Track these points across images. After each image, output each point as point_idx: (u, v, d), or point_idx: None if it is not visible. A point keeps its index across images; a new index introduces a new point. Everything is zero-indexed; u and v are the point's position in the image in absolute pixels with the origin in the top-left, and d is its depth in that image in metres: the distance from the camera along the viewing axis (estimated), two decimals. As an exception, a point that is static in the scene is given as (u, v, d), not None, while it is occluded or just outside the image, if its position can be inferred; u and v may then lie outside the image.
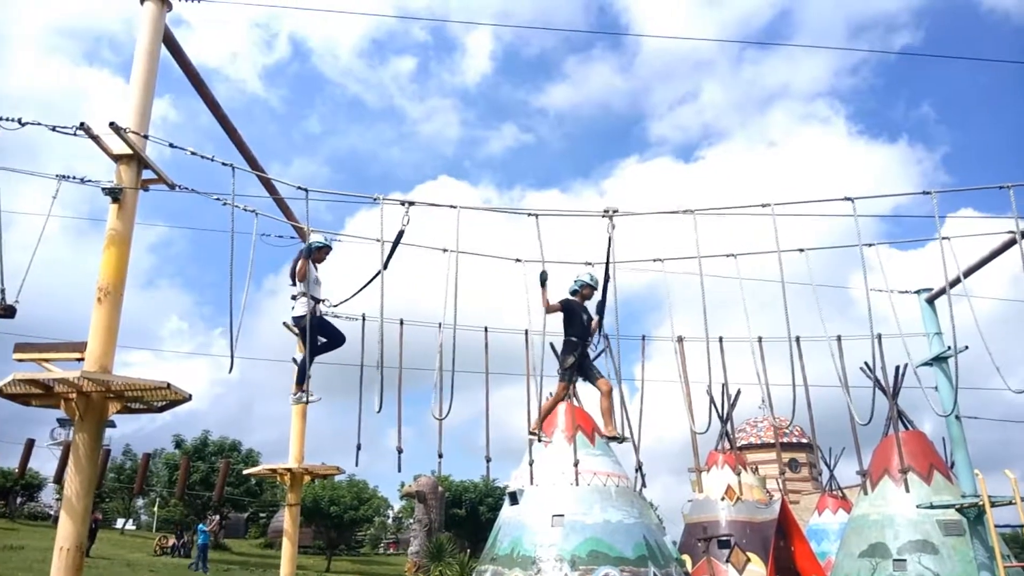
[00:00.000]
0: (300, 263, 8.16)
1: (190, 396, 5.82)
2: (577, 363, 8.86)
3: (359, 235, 8.44)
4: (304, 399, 8.57)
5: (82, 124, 5.81)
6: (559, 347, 15.43)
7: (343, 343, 8.61)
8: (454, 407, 8.29)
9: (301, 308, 8.20)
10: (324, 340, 8.47)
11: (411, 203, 7.41)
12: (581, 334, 8.79)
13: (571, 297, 9.02)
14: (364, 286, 7.90)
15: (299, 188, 7.21)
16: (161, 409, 6.17)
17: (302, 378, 8.41)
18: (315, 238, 8.35)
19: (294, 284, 8.35)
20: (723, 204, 8.97)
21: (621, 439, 8.79)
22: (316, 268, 8.47)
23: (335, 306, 8.76)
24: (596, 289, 8.90)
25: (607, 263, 8.18)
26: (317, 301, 8.34)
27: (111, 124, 5.83)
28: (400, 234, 7.43)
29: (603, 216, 7.77)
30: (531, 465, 11.00)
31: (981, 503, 10.96)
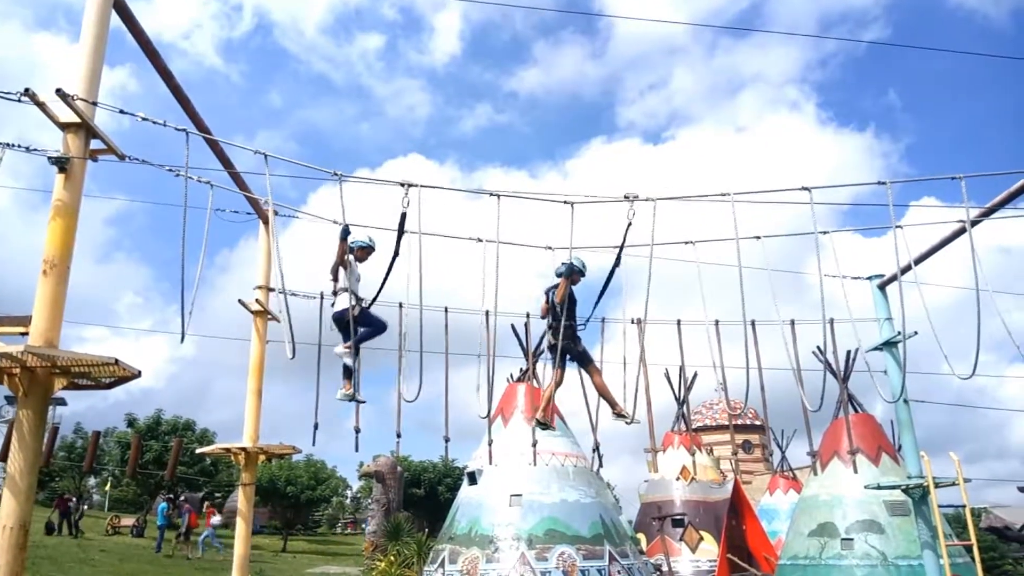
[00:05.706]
0: (339, 247, 7.94)
1: (139, 373, 5.67)
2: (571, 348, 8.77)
3: (316, 215, 8.25)
4: (347, 397, 8.12)
5: (27, 90, 5.58)
6: (520, 329, 15.54)
7: (385, 330, 8.42)
8: (414, 388, 8.23)
9: (341, 303, 8.07)
10: (366, 329, 8.31)
11: (409, 184, 7.22)
12: (575, 320, 8.72)
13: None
14: (386, 276, 7.65)
15: (256, 152, 7.01)
16: (109, 386, 6.02)
17: (348, 373, 8.14)
18: (360, 238, 8.19)
19: (334, 280, 8.14)
20: (688, 189, 9.04)
21: (631, 420, 8.55)
22: (357, 266, 8.31)
23: (369, 304, 8.30)
24: (584, 276, 8.85)
25: (620, 248, 8.09)
26: (359, 299, 8.16)
27: (57, 91, 5.60)
28: (403, 216, 7.26)
29: (625, 201, 7.66)
30: (490, 445, 11.04)
31: (926, 484, 11.28)
